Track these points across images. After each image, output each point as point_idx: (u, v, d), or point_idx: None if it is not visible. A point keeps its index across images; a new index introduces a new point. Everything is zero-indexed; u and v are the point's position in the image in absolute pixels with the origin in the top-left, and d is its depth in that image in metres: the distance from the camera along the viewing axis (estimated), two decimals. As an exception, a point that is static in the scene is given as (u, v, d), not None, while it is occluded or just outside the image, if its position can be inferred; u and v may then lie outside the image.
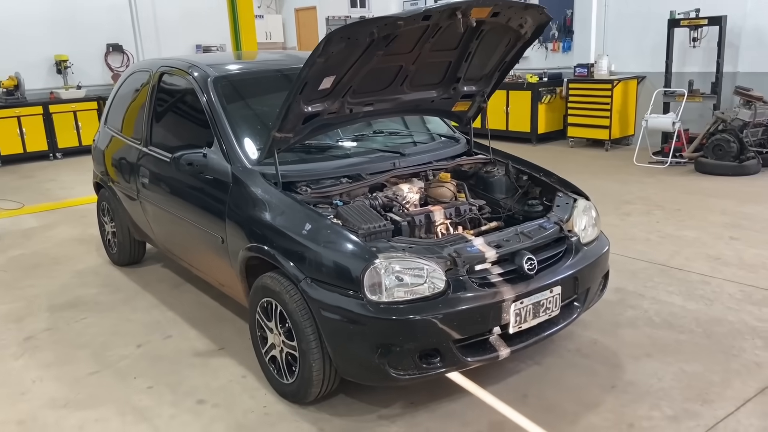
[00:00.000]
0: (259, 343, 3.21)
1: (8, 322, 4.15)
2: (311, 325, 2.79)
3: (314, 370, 2.84)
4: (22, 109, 9.88)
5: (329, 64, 2.89)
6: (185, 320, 4.06)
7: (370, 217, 2.95)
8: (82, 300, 4.48)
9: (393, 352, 2.65)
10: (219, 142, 3.45)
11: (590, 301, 3.30)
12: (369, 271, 2.63)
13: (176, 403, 3.13)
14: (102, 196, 5.14)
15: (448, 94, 3.65)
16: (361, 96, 3.28)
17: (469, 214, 3.27)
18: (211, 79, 3.71)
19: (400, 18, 2.79)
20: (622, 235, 5.32)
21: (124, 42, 11.08)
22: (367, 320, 2.63)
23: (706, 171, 7.36)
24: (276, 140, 3.13)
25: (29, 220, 6.69)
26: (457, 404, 3.01)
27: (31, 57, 10.25)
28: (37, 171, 9.46)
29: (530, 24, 3.33)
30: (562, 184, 3.55)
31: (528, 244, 2.96)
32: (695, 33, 7.97)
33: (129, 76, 4.82)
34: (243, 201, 3.21)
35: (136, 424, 2.97)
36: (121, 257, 5.05)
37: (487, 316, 2.76)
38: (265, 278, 3.03)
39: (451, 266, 2.75)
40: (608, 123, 8.92)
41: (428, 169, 3.56)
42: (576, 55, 9.68)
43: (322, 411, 3.00)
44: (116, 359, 3.61)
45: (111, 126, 4.94)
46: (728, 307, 3.89)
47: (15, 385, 3.37)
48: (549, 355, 3.43)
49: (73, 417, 3.05)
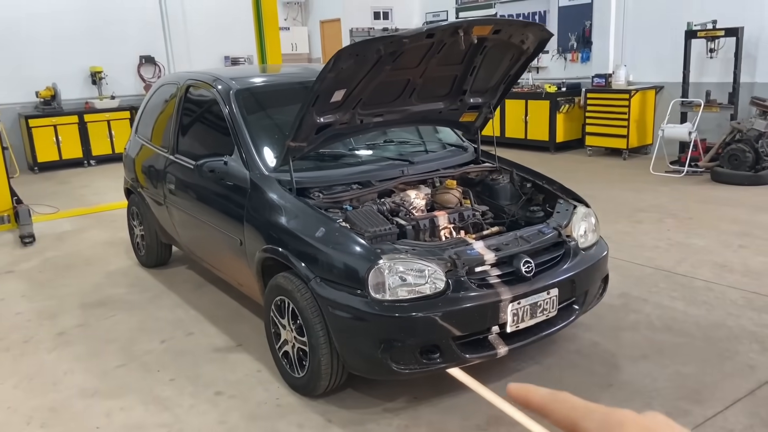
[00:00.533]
0: (273, 339, 3.42)
1: (42, 319, 4.43)
2: (320, 322, 2.99)
3: (323, 364, 3.03)
4: (58, 118, 10.31)
5: (340, 79, 3.10)
6: (206, 318, 4.30)
7: (377, 221, 3.14)
8: (112, 299, 4.75)
9: (395, 348, 2.84)
10: (239, 150, 3.68)
11: (589, 303, 3.45)
12: (373, 271, 2.82)
13: (195, 394, 3.35)
14: (132, 201, 5.43)
15: (455, 105, 3.84)
16: (371, 108, 3.49)
17: (471, 219, 3.45)
18: (233, 91, 3.95)
19: (405, 36, 2.99)
20: (632, 242, 5.44)
21: (156, 54, 11.48)
22: (371, 317, 2.82)
23: (721, 180, 7.42)
24: (291, 149, 3.35)
25: (64, 224, 7.03)
26: (459, 399, 3.18)
27: (67, 68, 10.68)
28: (72, 177, 9.86)
29: (532, 40, 3.51)
30: (563, 192, 3.71)
31: (526, 248, 3.13)
32: (712, 44, 8.03)
33: (158, 88, 5.10)
34: (260, 205, 3.44)
35: (158, 413, 3.20)
36: (149, 259, 5.32)
37: (484, 315, 2.93)
38: (279, 278, 3.24)
39: (451, 267, 2.93)
40: (626, 132, 9.01)
41: (435, 177, 3.75)
42: (595, 65, 9.79)
43: (330, 403, 3.20)
44: (141, 353, 3.85)
45: (141, 135, 5.22)
46: (729, 312, 3.99)
47: (48, 376, 3.62)
48: (550, 356, 3.58)
49: (100, 405, 3.30)
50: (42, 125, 10.19)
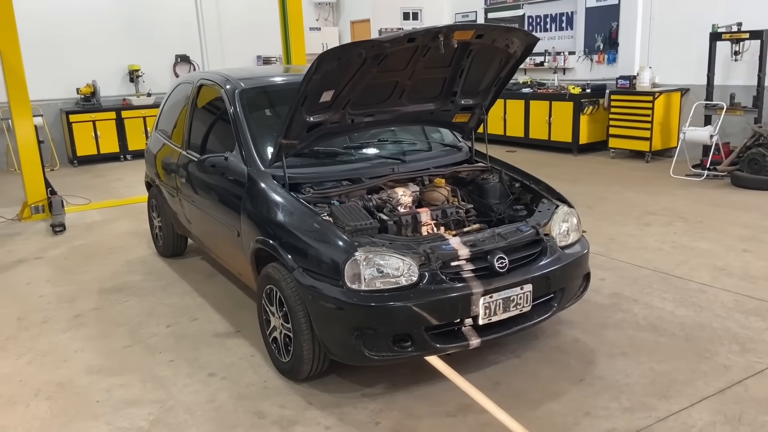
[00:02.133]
0: (264, 325, 3.62)
1: (62, 302, 4.74)
2: (303, 310, 3.18)
3: (305, 349, 3.22)
4: (97, 114, 10.79)
5: (326, 81, 3.28)
6: (212, 305, 4.54)
7: (359, 216, 3.31)
8: (128, 285, 5.04)
9: (367, 335, 3.00)
10: (239, 146, 3.90)
11: (568, 300, 3.55)
12: (350, 262, 2.99)
13: (191, 375, 3.58)
14: (151, 193, 5.72)
15: (446, 106, 3.98)
16: (361, 108, 3.66)
17: (454, 216, 3.59)
18: (238, 91, 4.17)
19: (386, 41, 3.15)
20: (636, 244, 5.47)
21: (191, 53, 11.88)
22: (346, 306, 3.00)
23: (741, 185, 7.34)
24: (283, 146, 3.55)
25: (94, 215, 7.40)
26: (434, 387, 3.33)
27: (107, 66, 11.16)
28: (108, 171, 10.30)
29: (518, 44, 3.62)
30: (548, 192, 3.81)
31: (502, 245, 3.26)
32: (737, 47, 7.94)
33: (176, 87, 5.38)
34: (254, 199, 3.65)
35: (155, 390, 3.44)
36: (166, 249, 5.61)
37: (456, 308, 3.07)
38: (269, 267, 3.44)
39: (425, 261, 3.08)
40: (649, 135, 8.96)
41: (424, 175, 3.89)
42: (621, 66, 9.74)
43: (313, 387, 3.38)
44: (147, 336, 4.11)
45: (160, 131, 5.51)
46: (716, 314, 4.03)
47: (60, 354, 3.91)
48: (530, 350, 3.69)
49: (103, 382, 3.55)
50: (81, 120, 10.67)
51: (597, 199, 7.08)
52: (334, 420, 3.09)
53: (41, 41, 10.44)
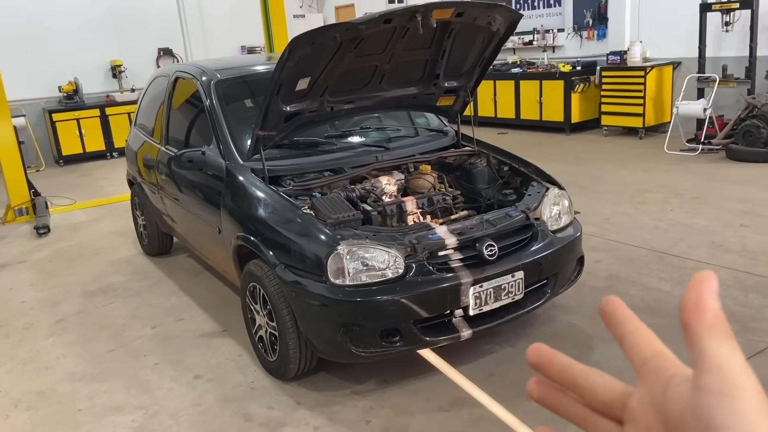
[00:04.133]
0: (249, 324, 3.51)
1: (45, 306, 4.61)
2: (287, 307, 3.06)
3: (291, 348, 3.11)
4: (80, 112, 10.61)
5: (301, 67, 3.14)
6: (198, 305, 4.42)
7: (341, 208, 3.19)
8: (113, 286, 4.92)
9: (354, 331, 2.89)
10: (216, 140, 3.76)
11: (561, 286, 3.44)
12: (332, 257, 2.87)
13: (176, 378, 3.47)
14: (134, 191, 5.58)
15: (429, 90, 3.84)
16: (339, 95, 3.52)
17: (440, 203, 3.47)
18: (213, 82, 4.02)
19: (361, 22, 3.01)
20: (631, 224, 5.36)
21: (174, 46, 11.67)
22: (330, 302, 2.88)
23: (736, 158, 7.22)
24: (260, 138, 3.41)
25: (80, 215, 7.26)
26: (426, 382, 3.22)
27: (88, 63, 10.95)
28: (94, 170, 10.14)
29: (501, 21, 3.48)
30: (538, 174, 3.69)
31: (491, 231, 3.14)
32: (727, 17, 7.78)
33: (152, 81, 5.23)
34: (234, 194, 3.51)
35: (139, 395, 3.33)
36: (151, 248, 5.48)
37: (444, 299, 2.96)
38: (251, 264, 3.32)
39: (411, 252, 2.96)
40: (641, 111, 8.82)
41: (409, 162, 3.77)
42: (611, 42, 9.57)
43: (301, 386, 3.27)
44: (132, 339, 3.99)
45: (139, 127, 5.36)
46: (715, 293, 3.92)
47: (41, 361, 3.79)
48: (524, 338, 3.58)
49: (86, 389, 3.44)
50: (65, 119, 10.50)
51: (591, 178, 6.95)
52: (324, 420, 2.99)
53: (19, 39, 10.25)
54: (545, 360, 0.50)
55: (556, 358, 0.50)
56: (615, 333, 0.48)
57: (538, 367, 0.51)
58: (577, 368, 0.48)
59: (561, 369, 0.49)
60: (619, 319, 0.48)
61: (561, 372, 0.49)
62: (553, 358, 0.50)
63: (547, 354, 0.50)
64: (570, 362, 0.49)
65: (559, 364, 0.49)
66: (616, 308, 0.49)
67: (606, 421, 0.46)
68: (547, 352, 0.50)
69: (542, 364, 0.50)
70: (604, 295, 0.81)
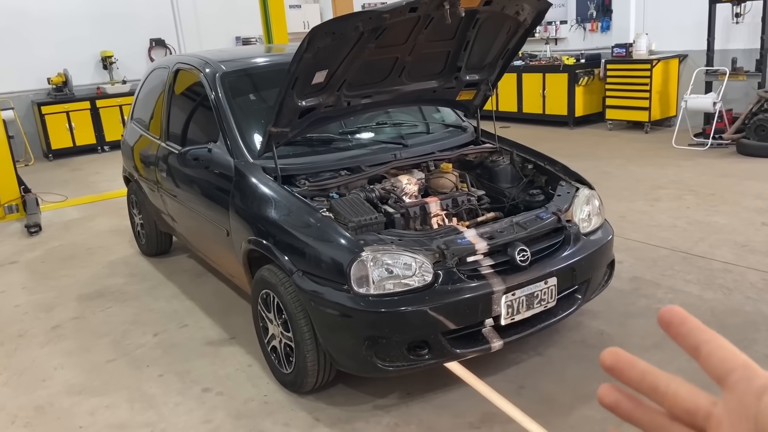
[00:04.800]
0: (261, 333, 3.29)
1: (39, 312, 4.37)
2: (305, 317, 2.85)
3: (308, 360, 2.90)
4: (70, 105, 10.28)
5: (319, 59, 2.92)
6: (202, 309, 4.20)
7: (362, 210, 2.97)
8: (110, 290, 4.68)
9: (380, 344, 2.68)
10: (224, 136, 3.53)
11: (593, 292, 3.25)
12: (356, 264, 2.66)
13: (183, 391, 3.25)
14: (130, 189, 5.34)
15: (450, 83, 3.62)
16: (357, 89, 3.30)
17: (466, 205, 3.26)
18: (219, 74, 3.79)
19: (385, 11, 2.79)
20: (648, 222, 5.19)
21: (167, 36, 11.36)
22: (354, 312, 2.67)
23: (747, 153, 7.06)
24: (273, 135, 3.19)
25: (71, 212, 6.99)
26: (453, 395, 3.03)
27: (78, 54, 10.61)
28: (85, 164, 9.84)
29: (528, 11, 3.27)
30: (566, 173, 3.49)
31: (522, 235, 2.94)
32: (738, 8, 7.61)
33: (151, 73, 4.97)
34: (244, 195, 3.29)
35: (143, 411, 3.11)
36: (149, 248, 5.24)
37: (476, 308, 2.76)
38: (263, 270, 3.10)
39: (440, 258, 2.75)
40: (647, 104, 8.65)
41: (429, 160, 3.55)
42: (615, 34, 9.39)
43: (319, 400, 3.06)
44: (133, 347, 3.76)
45: (136, 121, 5.11)
46: (747, 296, 3.75)
47: (38, 372, 3.55)
48: (552, 346, 3.39)
49: (86, 403, 3.21)
50: (55, 112, 10.16)
51: (600, 174, 6.77)
52: (346, 438, 2.79)
53: (6, 29, 9.90)
54: (623, 364, 0.50)
55: (635, 362, 0.49)
56: (685, 343, 0.48)
57: (614, 371, 0.50)
58: (659, 374, 0.48)
59: (640, 374, 0.48)
60: (688, 328, 0.48)
61: (640, 377, 0.48)
62: (633, 363, 0.49)
63: (624, 358, 0.50)
64: (650, 368, 0.49)
65: (638, 369, 0.49)
66: (683, 318, 0.48)
67: (685, 429, 0.46)
68: (625, 356, 0.50)
69: (619, 369, 0.50)
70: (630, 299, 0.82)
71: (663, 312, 0.49)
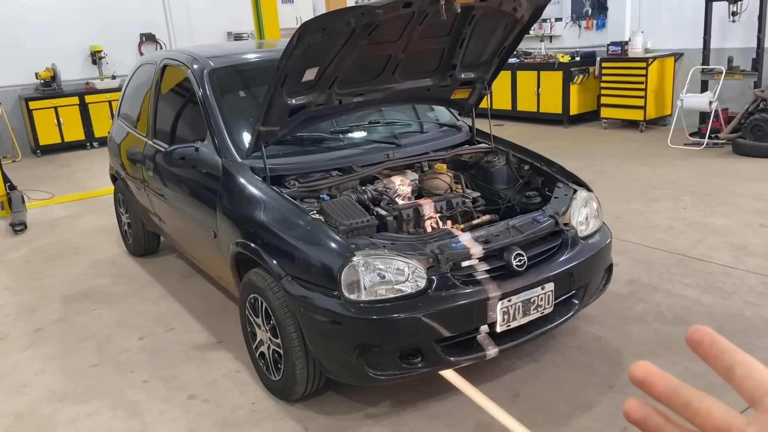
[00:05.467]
0: (249, 338, 3.19)
1: (22, 313, 4.25)
2: (294, 323, 2.75)
3: (297, 368, 2.80)
4: (59, 100, 10.11)
5: (309, 56, 2.81)
6: (190, 312, 4.09)
7: (354, 213, 2.87)
8: (95, 291, 4.56)
9: (371, 352, 2.59)
10: (211, 135, 3.42)
11: (590, 296, 3.17)
12: (347, 269, 2.56)
13: (168, 398, 3.15)
14: (117, 187, 5.22)
15: (445, 81, 3.53)
16: (349, 87, 3.20)
17: (460, 207, 3.16)
18: (207, 71, 3.68)
19: (378, 6, 2.68)
20: (644, 223, 5.11)
21: (157, 31, 11.20)
22: (344, 319, 2.57)
23: (744, 153, 7.00)
24: (262, 134, 3.08)
25: (58, 210, 6.86)
26: (446, 404, 2.93)
27: (66, 48, 10.44)
28: (74, 160, 9.68)
29: (526, 7, 3.18)
30: (563, 174, 3.40)
31: (519, 239, 2.85)
32: (734, 6, 7.54)
33: (137, 69, 4.84)
34: (232, 195, 3.19)
35: (126, 420, 3.00)
36: (137, 248, 5.12)
37: (471, 315, 2.67)
38: (251, 274, 3.00)
39: (434, 263, 2.66)
40: (643, 103, 8.57)
41: (423, 160, 3.46)
42: (610, 32, 9.30)
43: (309, 409, 2.97)
44: (117, 352, 3.65)
45: (123, 118, 4.98)
46: (747, 301, 3.68)
47: (18, 378, 3.44)
48: (548, 352, 3.31)
49: (67, 411, 3.10)
50: (43, 107, 9.99)
51: (595, 174, 6.69)
52: (336, 449, 2.69)
53: (-7, 23, 9.74)
54: (653, 379, 0.49)
55: (666, 378, 0.48)
56: (717, 364, 0.48)
57: (643, 385, 0.49)
58: (691, 391, 0.47)
59: (671, 390, 0.48)
60: (720, 349, 0.47)
61: (671, 393, 0.48)
62: (664, 378, 0.48)
63: (654, 373, 0.49)
64: (681, 384, 0.48)
65: (670, 384, 0.48)
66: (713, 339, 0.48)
67: None
68: (655, 371, 0.49)
69: (649, 383, 0.49)
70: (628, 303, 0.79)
71: (691, 332, 0.48)
